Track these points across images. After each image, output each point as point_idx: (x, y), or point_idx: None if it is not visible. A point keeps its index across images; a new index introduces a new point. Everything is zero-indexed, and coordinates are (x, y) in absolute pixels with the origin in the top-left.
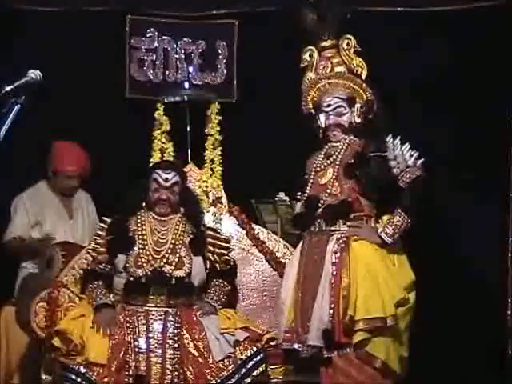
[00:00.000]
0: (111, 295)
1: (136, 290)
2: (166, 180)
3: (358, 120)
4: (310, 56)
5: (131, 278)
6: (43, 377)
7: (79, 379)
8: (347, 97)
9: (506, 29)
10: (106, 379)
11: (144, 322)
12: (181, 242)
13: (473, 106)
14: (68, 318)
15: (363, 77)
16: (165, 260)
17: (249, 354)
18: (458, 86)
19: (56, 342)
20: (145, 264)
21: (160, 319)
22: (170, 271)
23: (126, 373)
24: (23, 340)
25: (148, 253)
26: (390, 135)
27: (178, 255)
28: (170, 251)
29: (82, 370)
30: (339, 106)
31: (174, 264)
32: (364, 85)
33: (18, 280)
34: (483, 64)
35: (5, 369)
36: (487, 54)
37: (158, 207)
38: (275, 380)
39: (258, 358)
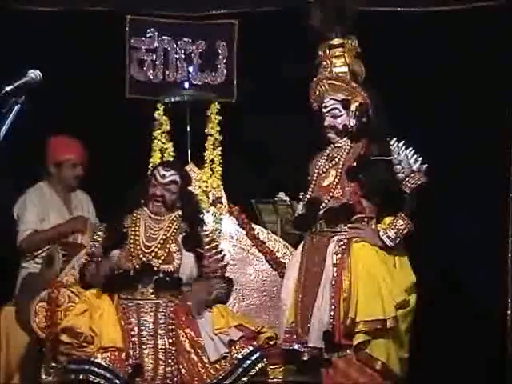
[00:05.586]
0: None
1: (125, 283)
2: (163, 176)
3: (353, 123)
4: (324, 52)
5: (120, 271)
6: (43, 377)
7: (97, 369)
8: (342, 99)
9: (506, 29)
10: (118, 364)
11: (135, 315)
12: (172, 238)
13: (473, 106)
14: (73, 314)
15: (361, 80)
16: (153, 254)
17: (245, 353)
18: (458, 85)
19: (65, 338)
20: (134, 258)
21: (151, 311)
22: (158, 265)
23: (126, 363)
24: (23, 340)
25: (138, 247)
26: (395, 139)
27: (167, 250)
28: (159, 246)
29: (99, 359)
30: (334, 108)
31: (162, 258)
32: (359, 88)
33: (18, 280)
34: (483, 64)
35: (5, 369)
36: (487, 53)
37: (152, 205)
38: (275, 380)
39: (255, 356)
